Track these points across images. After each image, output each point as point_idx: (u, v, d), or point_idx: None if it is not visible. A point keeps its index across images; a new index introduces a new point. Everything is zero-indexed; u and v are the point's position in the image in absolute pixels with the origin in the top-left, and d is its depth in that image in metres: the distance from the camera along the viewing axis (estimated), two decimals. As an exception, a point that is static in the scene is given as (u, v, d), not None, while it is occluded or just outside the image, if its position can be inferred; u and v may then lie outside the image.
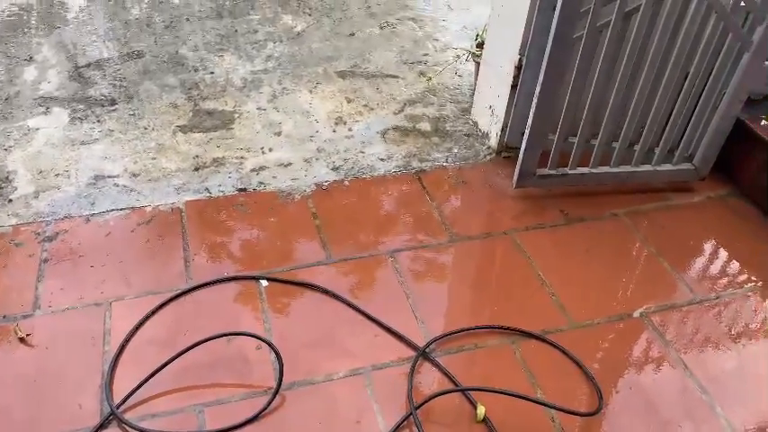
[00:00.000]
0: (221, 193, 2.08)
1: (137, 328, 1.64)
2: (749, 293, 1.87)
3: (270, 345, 1.57)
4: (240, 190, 2.10)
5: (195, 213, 2.00)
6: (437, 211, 2.08)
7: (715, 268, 1.96)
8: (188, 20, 2.97)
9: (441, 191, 2.16)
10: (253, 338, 1.61)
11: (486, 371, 1.64)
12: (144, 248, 1.87)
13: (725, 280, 1.92)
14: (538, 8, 1.92)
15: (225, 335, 1.60)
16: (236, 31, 2.91)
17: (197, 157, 2.22)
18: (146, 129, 2.32)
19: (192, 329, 1.64)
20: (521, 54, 2.05)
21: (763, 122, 2.16)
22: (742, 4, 1.80)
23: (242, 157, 2.23)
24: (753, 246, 2.03)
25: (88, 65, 2.63)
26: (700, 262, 1.97)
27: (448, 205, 2.11)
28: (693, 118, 2.04)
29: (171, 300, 1.72)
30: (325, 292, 1.77)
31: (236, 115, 2.42)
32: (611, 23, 1.79)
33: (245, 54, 2.77)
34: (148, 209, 2.00)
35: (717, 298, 1.85)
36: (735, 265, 1.98)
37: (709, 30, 1.84)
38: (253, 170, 2.18)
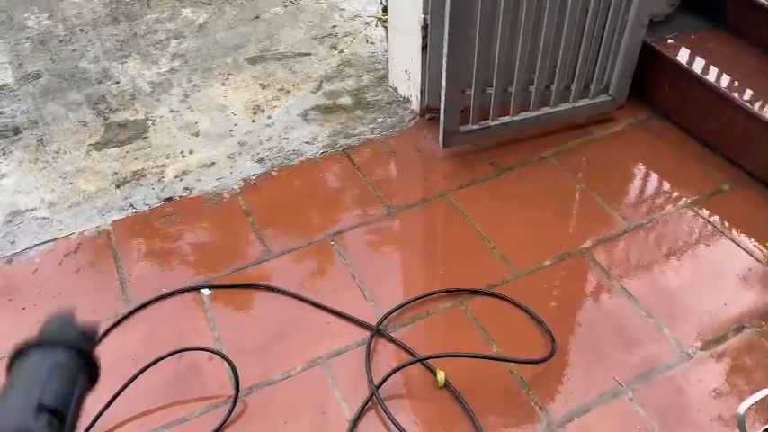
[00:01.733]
0: (147, 207, 2.01)
1: (81, 363, 1.59)
2: (680, 211, 1.93)
3: (219, 354, 1.55)
4: (166, 200, 2.03)
5: (123, 232, 1.94)
6: (371, 186, 2.06)
7: (645, 192, 2.02)
8: (83, 30, 2.82)
9: (371, 164, 2.15)
10: (205, 352, 1.58)
11: (442, 336, 1.65)
12: (76, 279, 1.81)
13: (655, 202, 1.97)
14: (432, -35, 1.89)
15: (173, 353, 1.56)
16: (135, 34, 2.79)
17: (116, 173, 2.13)
18: (57, 153, 2.22)
19: (139, 353, 1.60)
20: (425, 13, 2.02)
21: (669, 41, 2.20)
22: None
23: (163, 166, 2.16)
24: (677, 163, 2.09)
25: (-17, 96, 2.48)
26: (629, 189, 2.02)
27: (381, 178, 2.10)
28: (601, 49, 2.06)
29: (113, 327, 1.67)
30: (270, 288, 1.75)
31: (150, 123, 2.33)
32: (506, -30, 1.78)
33: (149, 57, 2.66)
34: (74, 237, 1.93)
35: (650, 222, 1.90)
36: (663, 186, 2.04)
37: (601, -39, 1.85)
38: (176, 177, 2.12)
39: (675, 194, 1.99)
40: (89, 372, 0.76)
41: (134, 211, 2.00)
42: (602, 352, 1.58)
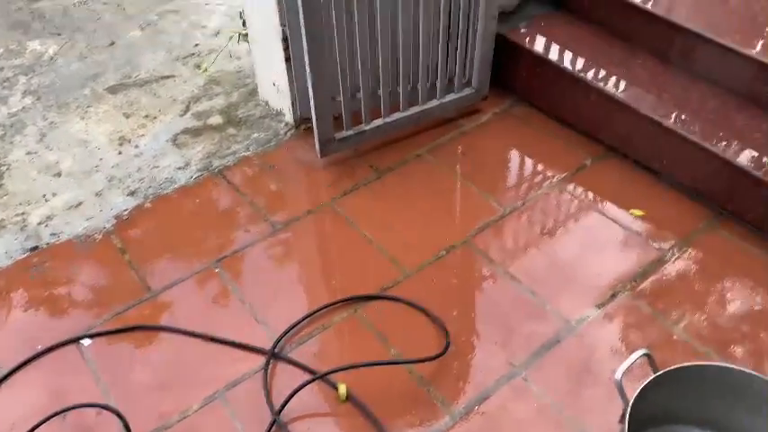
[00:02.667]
0: (11, 260, 1.87)
1: (-49, 444, 1.45)
2: (549, 190, 2.03)
3: (107, 408, 1.46)
4: (32, 249, 1.90)
5: (-13, 292, 1.79)
6: (251, 205, 2.02)
7: (516, 177, 2.11)
8: None
9: (250, 182, 2.10)
10: (92, 408, 1.48)
11: (341, 348, 1.65)
12: (-64, 351, 1.65)
13: (527, 184, 2.06)
14: (282, -23, 1.88)
15: (56, 414, 1.46)
16: (-24, 74, 2.58)
17: (-29, 229, 1.97)
18: None
19: (18, 421, 1.48)
20: (282, 25, 2.00)
21: (522, 30, 2.31)
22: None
23: (23, 213, 2.01)
24: (542, 145, 2.19)
25: None
26: (502, 175, 2.11)
27: (262, 195, 2.06)
28: (459, 45, 2.13)
29: (-15, 397, 1.54)
30: (154, 328, 1.67)
31: (4, 168, 2.17)
32: (355, -23, 1.79)
33: (-4, 97, 2.47)
34: (-71, 305, 1.76)
35: (523, 204, 1.99)
36: (532, 168, 2.13)
37: (445, -40, 1.90)
38: (40, 223, 1.98)
39: (544, 174, 2.10)
40: None
41: (-4, 266, 1.85)
42: (495, 338, 1.64)
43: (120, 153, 2.21)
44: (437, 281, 1.78)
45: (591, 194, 2.01)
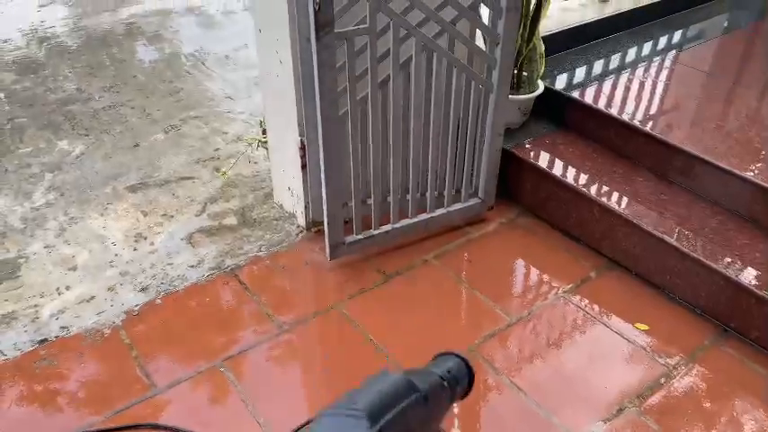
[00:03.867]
0: (19, 352, 1.88)
1: None
2: (555, 301, 2.06)
3: None
4: (40, 342, 1.91)
5: (-8, 383, 1.79)
6: (261, 305, 2.05)
7: (522, 286, 2.14)
8: (-53, 169, 2.70)
9: (261, 282, 2.14)
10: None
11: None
12: (-67, 443, 1.63)
13: (532, 295, 2.09)
14: (303, 92, 2.01)
15: None
16: (6, 170, 2.70)
17: (-17, 319, 1.99)
18: None
19: None
20: (301, 135, 2.12)
21: (526, 146, 2.42)
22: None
23: (36, 306, 2.04)
24: (548, 256, 2.24)
25: None
26: (508, 284, 2.14)
27: (271, 295, 2.09)
28: (466, 157, 2.24)
29: (-24, 494, 1.50)
30: (156, 427, 1.66)
31: (22, 260, 2.23)
32: (369, 96, 1.92)
33: (21, 191, 2.57)
34: (-68, 395, 1.75)
35: (529, 314, 2.01)
36: (537, 278, 2.17)
37: (455, 81, 2.04)
38: (51, 316, 2.00)
39: (549, 285, 2.13)
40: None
41: (3, 357, 1.86)
42: (499, 450, 1.61)
43: (135, 249, 2.28)
44: (442, 389, 1.77)
45: (596, 307, 2.03)
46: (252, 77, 3.47)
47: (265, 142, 2.51)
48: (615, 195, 2.21)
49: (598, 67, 2.72)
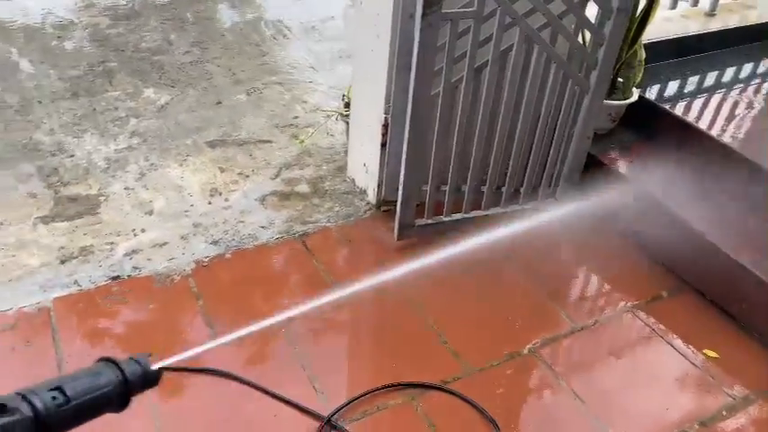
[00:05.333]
0: (93, 285, 1.95)
1: (6, 451, 1.47)
2: (622, 315, 2.01)
3: (161, 445, 1.47)
4: (113, 278, 1.98)
5: (65, 310, 1.86)
6: (325, 273, 2.07)
7: (589, 294, 2.10)
8: (40, 102, 2.81)
9: (326, 252, 2.16)
10: (142, 440, 1.50)
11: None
12: (9, 358, 1.71)
13: (599, 304, 2.05)
14: (396, 69, 2.01)
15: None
16: (94, 109, 2.80)
17: (62, 248, 2.07)
18: (1, 224, 2.15)
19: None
20: (386, 113, 2.12)
21: (611, 153, 2.36)
22: (576, 51, 1.98)
23: (112, 243, 2.11)
24: (619, 268, 2.19)
25: (-73, 161, 2.40)
26: (575, 290, 2.10)
27: (335, 265, 2.11)
28: (550, 157, 2.20)
29: (44, 412, 1.56)
30: (218, 373, 1.70)
31: (103, 198, 2.30)
32: (464, 79, 1.90)
33: (107, 133, 2.65)
34: (11, 312, 1.84)
35: (594, 323, 1.97)
36: (605, 289, 2.12)
37: (551, 77, 2.00)
38: (126, 255, 2.07)
39: (618, 298, 2.08)
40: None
41: (78, 288, 1.93)
42: (551, 453, 1.59)
43: (209, 203, 2.32)
44: (498, 384, 1.75)
45: (664, 326, 1.97)
46: (336, 50, 3.48)
47: (346, 115, 2.51)
48: (697, 214, 2.13)
49: (696, 82, 2.62)
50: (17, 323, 1.80)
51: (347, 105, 2.54)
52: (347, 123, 2.52)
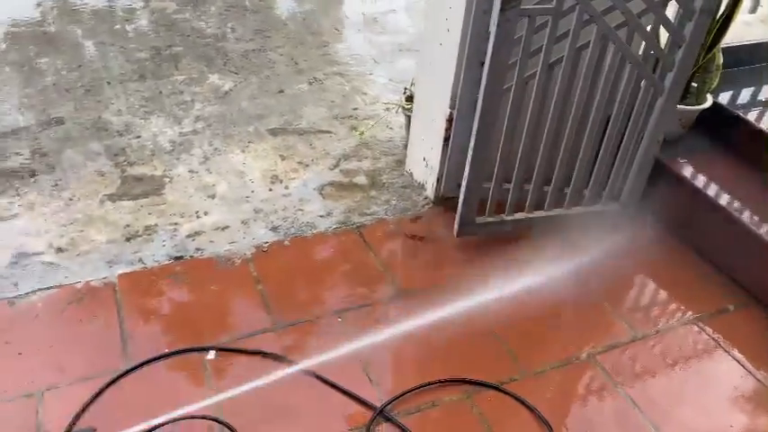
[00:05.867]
0: (156, 263, 1.99)
1: (74, 420, 1.52)
2: (685, 326, 1.95)
3: (226, 425, 1.49)
4: (176, 258, 2.02)
5: (130, 286, 1.91)
6: (381, 266, 2.07)
7: (651, 303, 2.04)
8: (109, 83, 2.88)
9: (383, 244, 2.16)
10: (204, 420, 1.52)
11: (446, 428, 1.62)
12: (77, 329, 1.76)
13: (661, 314, 1.99)
14: (465, 63, 1.99)
15: (169, 422, 1.50)
16: (160, 92, 2.86)
17: (128, 226, 2.13)
18: (70, 200, 2.22)
19: (134, 416, 1.54)
20: (451, 108, 2.10)
21: (680, 160, 2.29)
22: (651, 52, 1.93)
23: (176, 224, 2.15)
24: (683, 278, 2.12)
25: (3, 134, 2.49)
26: (637, 298, 2.05)
27: (392, 259, 2.11)
28: (617, 160, 2.14)
29: (109, 384, 1.61)
30: (275, 357, 1.71)
31: (167, 180, 2.35)
32: (537, 75, 1.87)
33: (173, 116, 2.71)
34: (79, 285, 1.89)
35: (656, 333, 1.91)
36: (669, 299, 2.06)
37: (625, 77, 1.95)
38: (188, 236, 2.11)
39: (681, 308, 2.02)
40: None
41: (143, 265, 1.98)
42: (609, 462, 1.55)
43: (270, 190, 2.35)
44: (554, 388, 1.73)
45: (730, 341, 1.90)
46: (397, 43, 3.47)
47: (407, 109, 2.50)
48: (766, 226, 2.05)
49: (774, 90, 2.52)
50: (84, 297, 1.86)
51: (408, 99, 2.53)
52: (408, 117, 2.51)
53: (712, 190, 2.18)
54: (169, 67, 3.07)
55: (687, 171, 2.26)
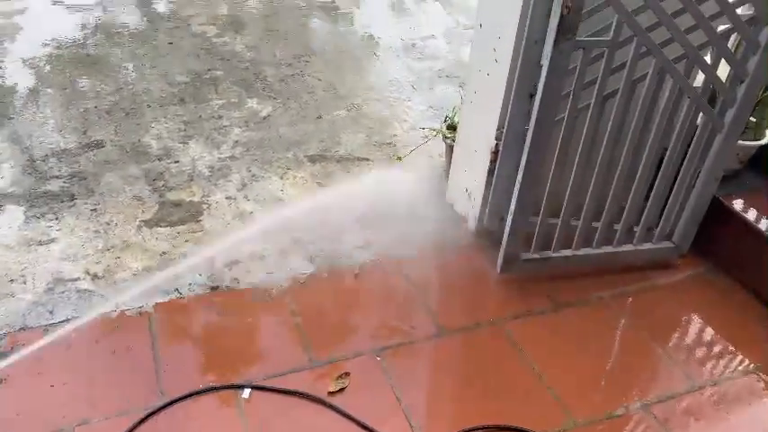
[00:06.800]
0: (192, 293, 1.95)
1: (105, 458, 1.48)
2: (745, 377, 1.83)
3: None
4: (212, 288, 1.98)
5: (165, 317, 1.87)
6: (422, 303, 2.00)
7: (708, 352, 1.93)
8: (149, 106, 2.89)
9: (423, 279, 2.09)
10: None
11: (490, 480, 1.53)
12: (110, 361, 1.72)
13: (719, 363, 1.88)
14: (514, 95, 1.92)
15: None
16: (200, 117, 2.85)
17: (164, 253, 2.09)
18: (108, 225, 2.20)
19: (167, 455, 1.48)
20: (497, 139, 2.04)
21: (737, 197, 2.18)
22: (711, 86, 1.84)
23: (213, 252, 2.11)
24: (741, 324, 2.01)
25: (44, 157, 2.50)
26: (692, 345, 1.94)
27: (432, 294, 2.04)
28: (671, 196, 2.05)
29: (142, 421, 1.56)
30: (313, 399, 1.65)
31: (205, 206, 2.32)
32: (591, 107, 1.80)
33: (211, 141, 2.69)
34: (114, 314, 1.86)
35: (714, 383, 1.80)
36: (727, 347, 1.95)
37: (683, 112, 1.87)
38: (225, 265, 2.07)
39: (739, 357, 1.90)
40: None
41: (179, 295, 1.94)
42: None
43: (308, 218, 2.30)
44: (607, 440, 1.63)
45: (794, 393, 1.79)
46: (436, 69, 3.43)
47: (450, 138, 2.44)
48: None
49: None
50: (119, 326, 1.82)
51: (450, 127, 2.48)
52: (449, 146, 2.45)
53: (772, 230, 2.07)
54: (209, 91, 3.06)
55: (743, 208, 2.15)
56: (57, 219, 2.20)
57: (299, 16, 3.88)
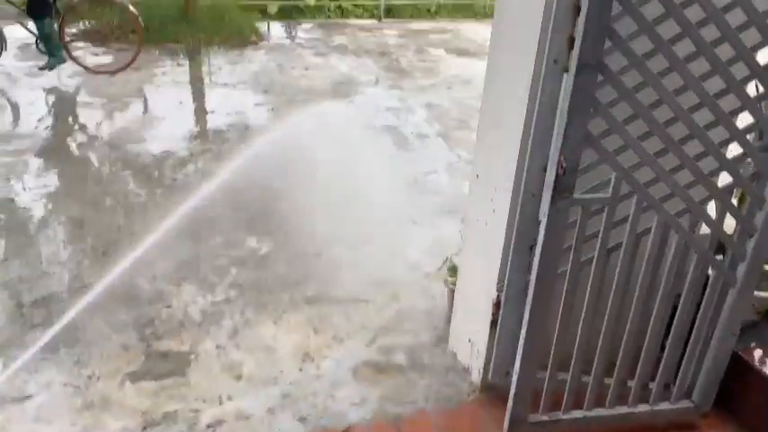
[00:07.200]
0: (171, 460, 1.80)
1: None
2: None
3: None
4: (193, 454, 1.82)
5: (138, 490, 1.70)
6: (420, 469, 1.83)
7: None
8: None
9: (423, 441, 1.93)
10: None
11: None
12: None
13: None
14: (513, 246, 1.85)
15: None
16: (197, 256, 2.80)
17: (146, 412, 1.96)
18: (90, 378, 2.08)
19: None
20: (498, 291, 1.95)
21: (756, 350, 2.05)
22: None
23: (197, 410, 1.98)
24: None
25: (33, 302, 2.43)
26: None
27: (432, 461, 1.87)
28: (688, 349, 1.92)
29: None
30: None
31: (193, 357, 2.21)
32: (594, 260, 1.72)
33: (206, 283, 2.62)
34: (82, 487, 1.70)
35: None
36: None
37: (692, 263, 1.78)
38: (209, 426, 1.92)
39: None
40: None
41: (155, 462, 1.79)
42: None
43: (300, 370, 2.18)
44: None
45: None
46: (437, 203, 3.42)
47: (451, 282, 2.36)
48: None
49: None
50: (87, 501, 1.66)
51: (450, 269, 2.41)
52: (450, 290, 2.36)
53: (800, 389, 1.92)
54: (209, 229, 3.04)
55: (765, 363, 2.01)
56: (37, 371, 2.09)
57: (302, 161, 3.91)
